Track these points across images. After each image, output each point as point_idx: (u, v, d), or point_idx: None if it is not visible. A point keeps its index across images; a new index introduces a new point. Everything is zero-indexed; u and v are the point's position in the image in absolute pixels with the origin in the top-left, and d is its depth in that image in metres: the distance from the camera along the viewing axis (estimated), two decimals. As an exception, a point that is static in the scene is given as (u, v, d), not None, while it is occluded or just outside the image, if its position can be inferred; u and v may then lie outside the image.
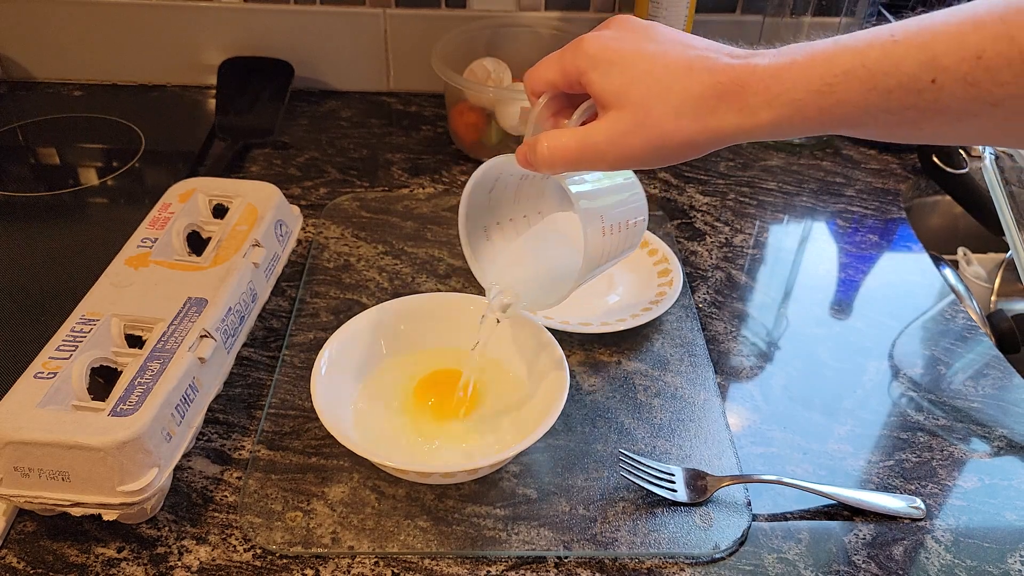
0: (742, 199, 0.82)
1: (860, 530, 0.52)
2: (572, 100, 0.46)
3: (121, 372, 0.51)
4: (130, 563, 0.48)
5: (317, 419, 0.51)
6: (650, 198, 0.81)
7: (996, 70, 0.34)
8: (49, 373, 0.49)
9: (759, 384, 0.62)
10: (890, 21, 0.38)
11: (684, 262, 0.73)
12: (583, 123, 0.44)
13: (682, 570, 0.49)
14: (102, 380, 0.52)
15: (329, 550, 0.49)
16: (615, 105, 0.41)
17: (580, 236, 0.47)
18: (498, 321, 0.54)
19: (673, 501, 0.52)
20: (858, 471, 0.56)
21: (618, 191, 0.51)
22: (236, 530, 0.50)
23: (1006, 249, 0.82)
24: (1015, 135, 0.37)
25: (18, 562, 0.48)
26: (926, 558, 0.50)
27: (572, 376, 0.56)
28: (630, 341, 0.64)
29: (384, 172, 0.83)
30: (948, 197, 0.86)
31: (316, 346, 0.58)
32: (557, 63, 0.44)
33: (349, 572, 0.48)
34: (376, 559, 0.49)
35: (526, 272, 0.55)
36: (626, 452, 0.54)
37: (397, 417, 0.55)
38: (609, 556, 0.49)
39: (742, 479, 0.53)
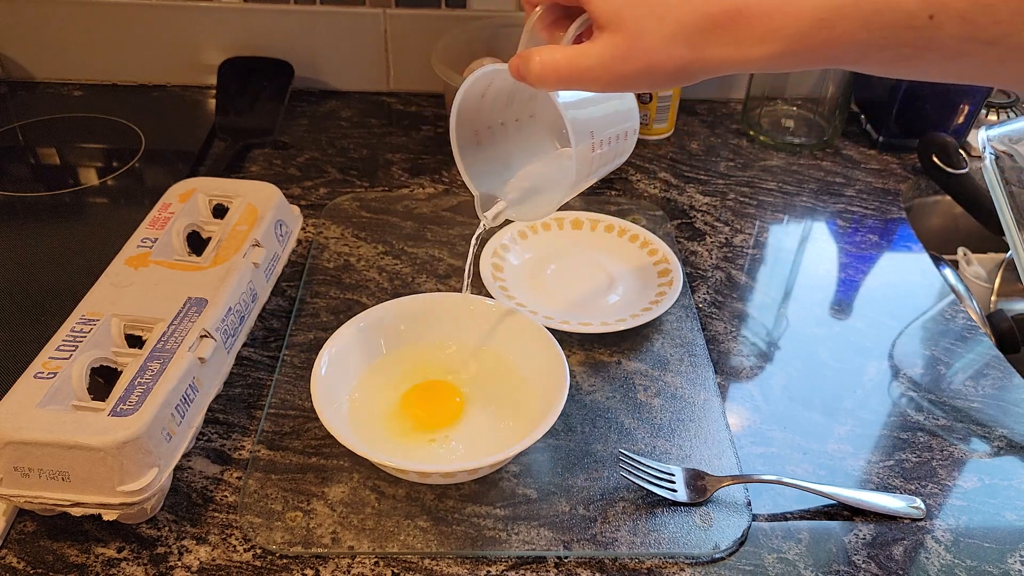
0: (742, 199, 0.82)
1: (860, 530, 0.52)
2: (568, 12, 0.46)
3: (121, 372, 0.51)
4: (130, 563, 0.48)
5: (317, 419, 0.51)
6: (650, 198, 0.81)
7: (994, 8, 0.34)
8: (49, 373, 0.49)
9: (759, 384, 0.62)
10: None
11: (684, 262, 0.73)
12: (577, 38, 0.45)
13: (682, 570, 0.49)
14: (102, 380, 0.52)
15: (329, 550, 0.49)
16: (609, 27, 0.41)
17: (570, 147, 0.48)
18: (486, 227, 0.55)
19: (673, 501, 0.52)
20: (858, 471, 0.56)
21: (608, 101, 0.51)
22: (236, 530, 0.50)
23: (1006, 249, 0.82)
24: (1010, 75, 0.36)
25: (18, 562, 0.48)
26: (926, 558, 0.50)
27: (572, 376, 0.56)
28: (630, 341, 0.64)
29: (384, 172, 0.83)
30: (948, 197, 0.86)
31: (316, 346, 0.58)
32: None
33: (349, 572, 0.48)
34: (376, 559, 0.49)
35: (515, 179, 0.55)
36: (626, 452, 0.54)
37: (397, 417, 0.55)
38: (609, 556, 0.49)
39: (742, 479, 0.53)
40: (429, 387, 0.57)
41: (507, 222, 0.61)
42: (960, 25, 0.35)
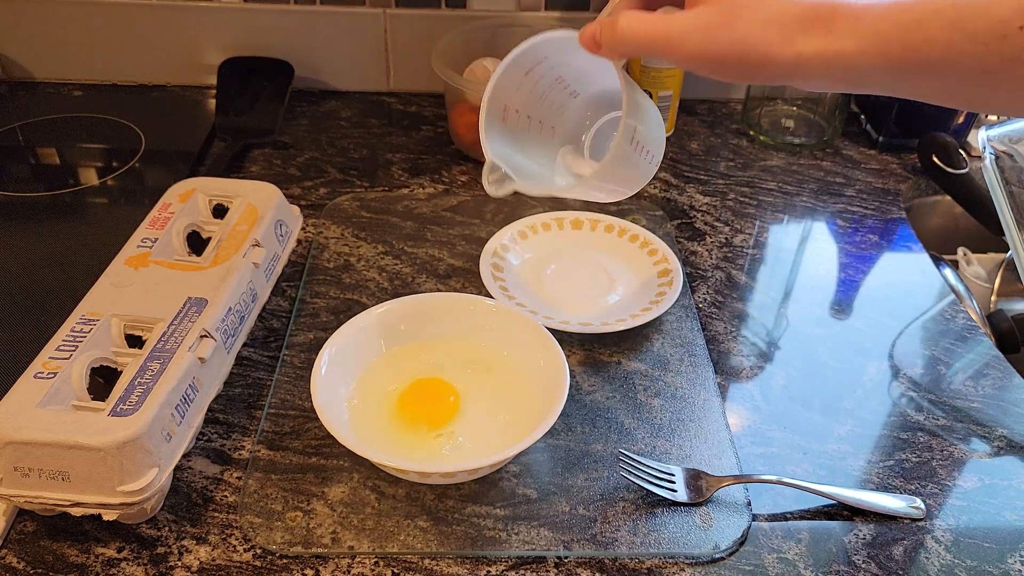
0: (742, 199, 0.82)
1: (860, 530, 0.52)
2: (654, 3, 0.45)
3: (121, 372, 0.51)
4: (130, 563, 0.48)
5: (317, 419, 0.51)
6: (650, 198, 0.81)
7: None
8: (49, 373, 0.49)
9: (759, 384, 0.62)
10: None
11: (684, 262, 0.73)
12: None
13: (682, 570, 0.49)
14: (102, 380, 0.52)
15: (329, 550, 0.49)
16: (707, 1, 0.40)
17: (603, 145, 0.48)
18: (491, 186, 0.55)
19: (673, 501, 0.52)
20: (858, 471, 0.56)
21: (655, 116, 0.52)
22: (236, 530, 0.50)
23: (1006, 249, 0.82)
24: None
25: (18, 562, 0.48)
26: (926, 558, 0.50)
27: (572, 376, 0.56)
28: (630, 341, 0.64)
29: (384, 172, 0.83)
30: (948, 197, 0.86)
31: (316, 346, 0.58)
32: None
33: (349, 572, 0.48)
34: (376, 559, 0.49)
35: (528, 165, 0.55)
36: (626, 452, 0.54)
37: (397, 417, 0.55)
38: (609, 556, 0.49)
39: (742, 479, 0.53)
40: (423, 385, 0.57)
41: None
42: None
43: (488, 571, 0.48)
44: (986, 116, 0.92)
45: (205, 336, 0.54)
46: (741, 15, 0.40)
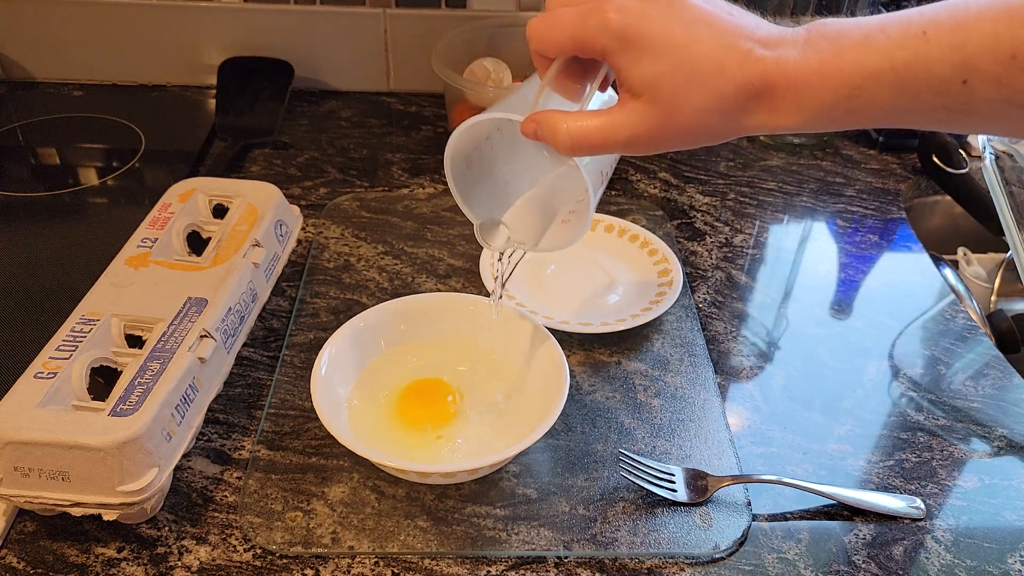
0: (742, 199, 0.82)
1: (860, 530, 0.52)
2: (579, 61, 0.44)
3: (121, 372, 0.51)
4: (130, 563, 0.48)
5: (317, 419, 0.51)
6: (650, 198, 0.81)
7: None
8: (49, 373, 0.49)
9: (759, 384, 0.62)
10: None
11: (684, 262, 0.73)
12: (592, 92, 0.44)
13: (682, 570, 0.49)
14: (102, 380, 0.52)
15: (329, 550, 0.49)
16: (643, 96, 0.40)
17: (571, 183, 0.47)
18: (500, 258, 0.54)
19: (673, 501, 0.52)
20: (858, 471, 0.56)
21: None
22: (236, 530, 0.50)
23: (1006, 249, 0.82)
24: None
25: (18, 562, 0.48)
26: (926, 558, 0.50)
27: (572, 376, 0.56)
28: (630, 341, 0.64)
29: (384, 172, 0.83)
30: (948, 197, 0.86)
31: (316, 346, 0.58)
32: (575, 30, 0.40)
33: (349, 572, 0.48)
34: (376, 559, 0.49)
35: (514, 212, 0.54)
36: (626, 452, 0.54)
37: (397, 417, 0.55)
38: (609, 556, 0.49)
39: (742, 479, 0.53)
40: (422, 386, 0.57)
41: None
42: (995, 89, 0.34)
43: (488, 571, 0.48)
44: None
45: (205, 336, 0.53)
46: (680, 108, 0.40)
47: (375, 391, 0.57)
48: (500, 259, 0.55)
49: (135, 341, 0.54)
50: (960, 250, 0.87)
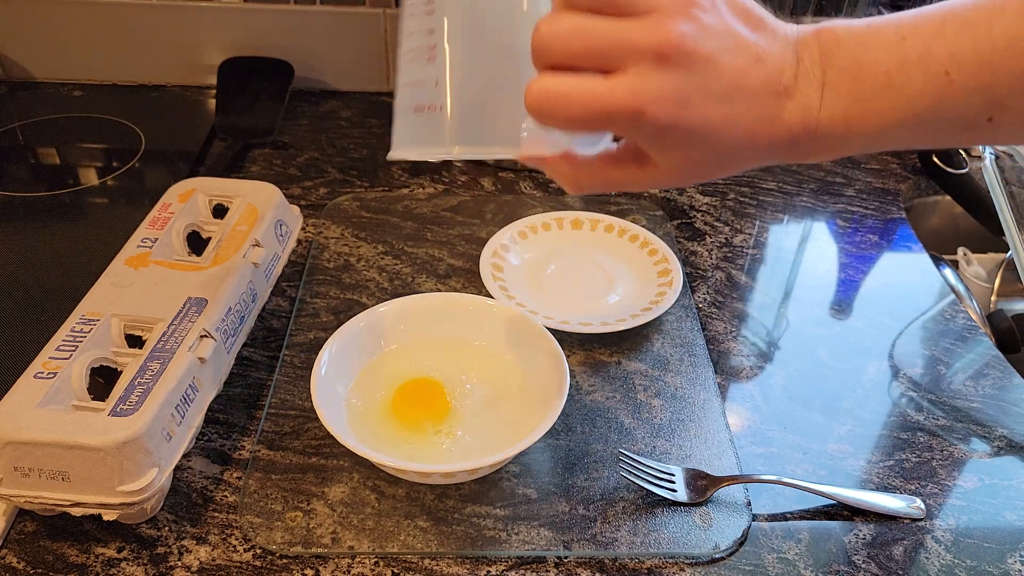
0: (742, 199, 0.82)
1: (860, 530, 0.52)
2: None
3: (121, 372, 0.51)
4: (130, 563, 0.48)
5: (317, 419, 0.51)
6: (650, 198, 0.81)
7: None
8: (49, 373, 0.49)
9: (759, 384, 0.62)
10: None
11: (684, 262, 0.73)
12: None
13: (682, 570, 0.49)
14: (102, 380, 0.52)
15: (329, 550, 0.49)
16: (663, 166, 0.37)
17: None
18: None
19: (673, 501, 0.52)
20: (858, 471, 0.56)
21: None
22: (236, 530, 0.50)
23: (1006, 249, 0.82)
24: None
25: (18, 562, 0.48)
26: (926, 558, 0.50)
27: (572, 376, 0.56)
28: (630, 341, 0.64)
29: (384, 172, 0.83)
30: (948, 197, 0.86)
31: (316, 346, 0.58)
32: (595, 117, 0.34)
33: (349, 572, 0.48)
34: (376, 559, 0.49)
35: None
36: (626, 452, 0.54)
37: (396, 417, 0.55)
38: (609, 556, 0.49)
39: (742, 479, 0.53)
40: (415, 385, 0.57)
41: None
42: (1021, 121, 0.34)
43: (488, 571, 0.48)
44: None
45: (205, 336, 0.53)
46: (704, 177, 0.39)
47: (375, 391, 0.57)
48: None
49: (135, 341, 0.54)
50: (960, 250, 0.87)
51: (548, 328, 0.58)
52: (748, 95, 0.35)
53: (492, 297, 0.64)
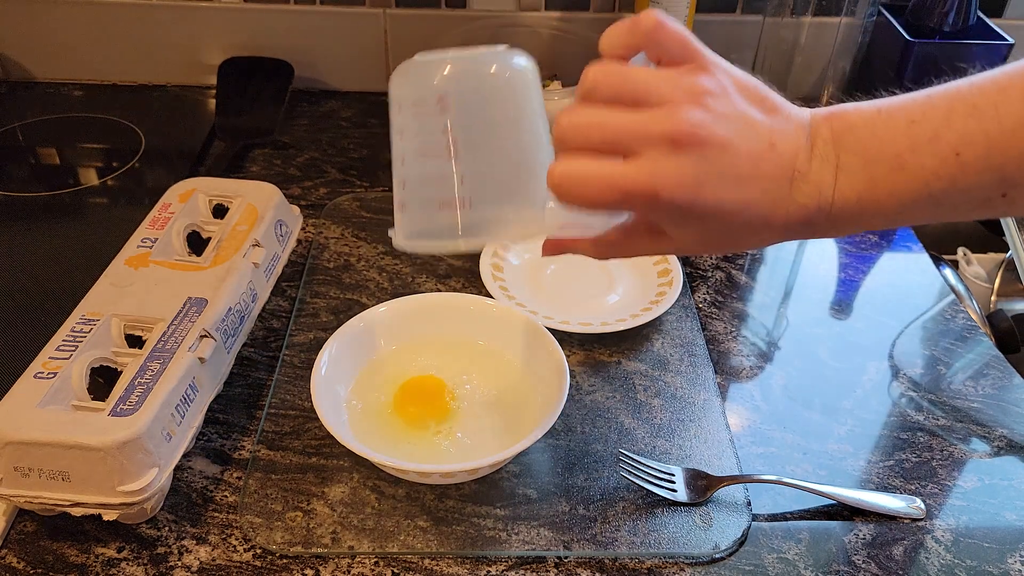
0: (742, 199, 0.82)
1: (860, 530, 0.52)
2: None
3: (121, 372, 0.51)
4: (130, 563, 0.48)
5: (317, 419, 0.51)
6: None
7: None
8: (49, 373, 0.49)
9: (759, 384, 0.62)
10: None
11: (684, 262, 0.73)
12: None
13: (682, 570, 0.49)
14: (102, 380, 0.52)
15: (329, 550, 0.49)
16: (678, 240, 0.39)
17: None
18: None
19: (673, 501, 0.52)
20: (858, 471, 0.56)
21: None
22: (236, 530, 0.50)
23: (1006, 249, 0.82)
24: None
25: (18, 562, 0.48)
26: (926, 558, 0.50)
27: (572, 376, 0.56)
28: (630, 341, 0.64)
29: (384, 172, 0.83)
30: (948, 197, 0.85)
31: (316, 346, 0.58)
32: (614, 199, 0.35)
33: (349, 572, 0.48)
34: (376, 559, 0.49)
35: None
36: (626, 452, 0.54)
37: (396, 417, 0.55)
38: (609, 556, 0.49)
39: (742, 479, 0.53)
40: (417, 384, 0.57)
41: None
42: None
43: (488, 571, 0.48)
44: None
45: (205, 336, 0.53)
46: (717, 251, 0.40)
47: (375, 391, 0.57)
48: None
49: (135, 341, 0.54)
50: (960, 250, 0.87)
51: (548, 328, 0.58)
52: (763, 179, 0.36)
53: (492, 297, 0.64)
